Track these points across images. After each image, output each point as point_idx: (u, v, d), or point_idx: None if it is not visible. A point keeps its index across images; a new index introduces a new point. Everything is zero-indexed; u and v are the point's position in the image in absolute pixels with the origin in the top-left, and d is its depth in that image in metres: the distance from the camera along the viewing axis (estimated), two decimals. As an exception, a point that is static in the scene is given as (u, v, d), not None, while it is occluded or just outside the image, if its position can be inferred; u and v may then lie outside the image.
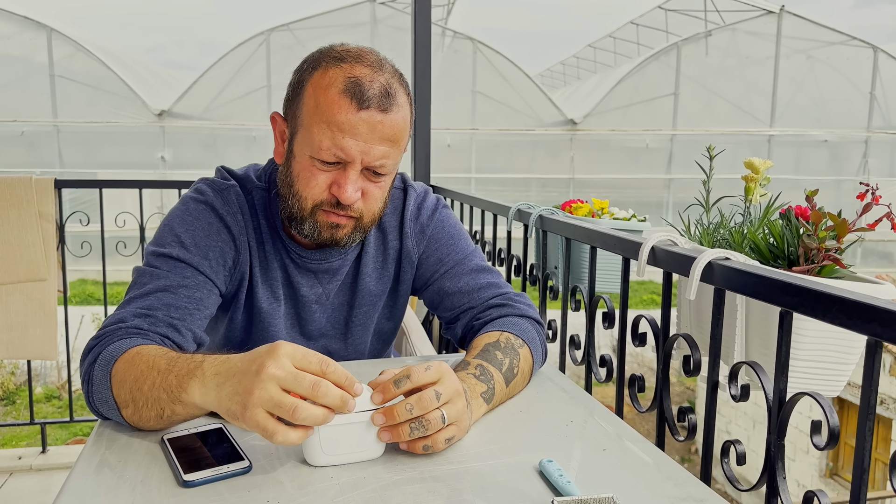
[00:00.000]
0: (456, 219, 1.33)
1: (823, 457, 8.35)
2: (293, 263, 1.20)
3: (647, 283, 12.38)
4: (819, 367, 1.04)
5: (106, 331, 1.00)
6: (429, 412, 0.82)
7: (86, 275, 10.57)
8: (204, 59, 14.39)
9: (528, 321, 1.18)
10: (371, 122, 1.01)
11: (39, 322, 2.59)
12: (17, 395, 8.89)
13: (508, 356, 1.06)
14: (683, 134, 11.58)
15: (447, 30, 11.21)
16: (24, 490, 2.71)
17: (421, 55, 2.58)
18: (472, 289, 1.24)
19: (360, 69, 1.03)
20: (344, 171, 1.04)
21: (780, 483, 0.95)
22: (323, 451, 0.80)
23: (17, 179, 2.53)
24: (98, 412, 0.95)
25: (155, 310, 1.03)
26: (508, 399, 1.05)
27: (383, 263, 1.27)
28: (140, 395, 0.87)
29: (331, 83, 1.02)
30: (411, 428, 0.81)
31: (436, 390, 0.83)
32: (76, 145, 10.33)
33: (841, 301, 0.80)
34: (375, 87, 1.02)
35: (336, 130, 1.01)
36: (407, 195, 1.28)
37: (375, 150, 1.03)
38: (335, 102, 1.01)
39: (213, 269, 1.11)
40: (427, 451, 0.84)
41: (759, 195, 1.26)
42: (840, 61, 11.84)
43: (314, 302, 1.24)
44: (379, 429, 0.81)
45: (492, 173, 11.46)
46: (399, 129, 1.05)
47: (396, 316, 1.36)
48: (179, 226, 1.12)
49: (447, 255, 1.27)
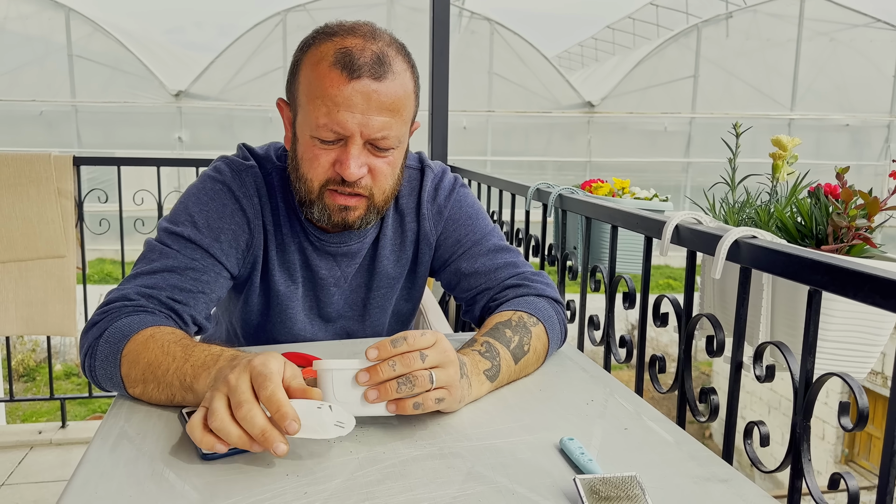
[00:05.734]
0: (474, 198, 1.31)
1: (839, 443, 8.31)
2: (311, 246, 1.19)
3: (664, 267, 12.31)
4: (846, 348, 1.02)
5: (111, 307, 0.99)
6: (415, 370, 0.80)
7: (104, 254, 10.66)
8: (222, 40, 14.48)
9: (545, 300, 1.16)
10: (365, 92, 0.98)
11: (59, 298, 2.61)
12: (37, 372, 9.02)
13: (519, 334, 1.03)
14: (702, 117, 11.44)
15: (464, 10, 11.11)
16: (43, 464, 2.75)
17: (439, 34, 2.54)
18: (490, 269, 1.22)
19: (351, 40, 1.00)
20: (345, 147, 1.01)
21: (806, 465, 0.93)
22: (336, 396, 0.79)
23: (36, 157, 2.54)
24: (98, 383, 0.96)
25: (159, 289, 1.03)
26: (520, 377, 1.03)
27: (401, 246, 1.25)
28: (153, 378, 0.89)
29: (322, 57, 1.00)
30: (398, 383, 0.80)
31: (422, 352, 0.81)
32: (94, 125, 10.37)
33: (874, 279, 0.78)
34: (367, 55, 0.98)
35: (331, 105, 0.98)
36: (424, 175, 1.25)
37: (374, 121, 0.99)
38: (326, 76, 0.98)
39: (223, 252, 1.10)
40: (418, 410, 0.81)
41: (786, 173, 1.24)
42: (863, 44, 11.62)
43: (332, 284, 1.22)
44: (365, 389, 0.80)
45: (508, 156, 11.39)
46: (398, 98, 1.01)
47: (414, 297, 1.34)
48: (194, 205, 1.11)
49: (464, 235, 1.25)
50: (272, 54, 10.55)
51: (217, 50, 10.55)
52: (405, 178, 1.21)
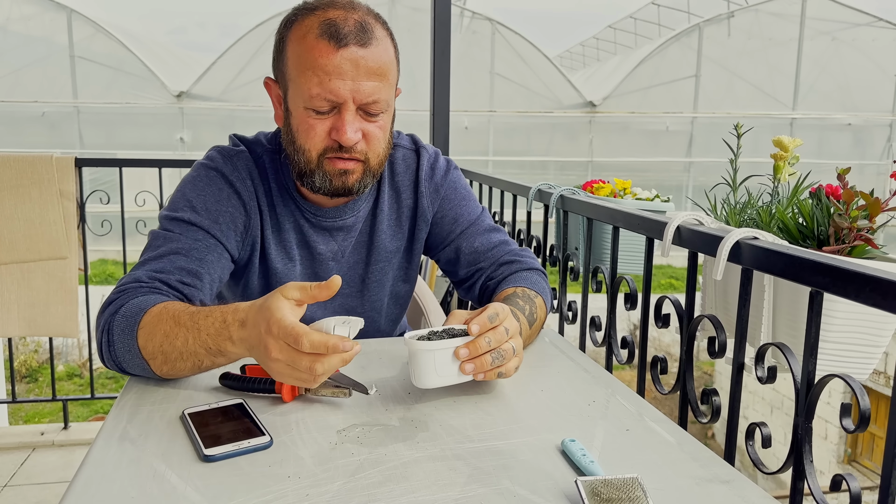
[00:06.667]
0: (465, 180, 1.38)
1: (842, 443, 8.29)
2: (307, 222, 1.22)
3: (665, 267, 12.30)
4: (848, 349, 1.02)
5: (126, 287, 1.03)
6: (502, 343, 0.91)
7: (106, 255, 10.66)
8: (224, 41, 14.53)
9: (536, 273, 1.30)
10: (353, 59, 1.03)
11: (61, 300, 2.61)
12: (40, 373, 9.03)
13: (528, 304, 1.16)
14: (704, 116, 11.43)
15: (465, 10, 11.10)
16: (46, 465, 2.75)
17: (440, 35, 2.54)
18: (487, 248, 1.31)
19: (332, 12, 1.05)
20: (340, 114, 1.06)
21: (808, 466, 0.93)
22: (437, 372, 0.89)
23: (38, 158, 2.54)
24: (117, 364, 0.98)
25: (168, 273, 1.06)
26: (529, 343, 1.16)
27: (398, 221, 1.30)
28: (172, 349, 0.93)
29: (307, 31, 1.04)
30: (492, 357, 0.90)
31: (504, 326, 0.92)
32: (96, 126, 10.38)
33: (875, 281, 0.78)
34: (350, 24, 1.03)
35: (322, 74, 1.03)
36: (420, 156, 1.31)
37: (364, 86, 1.04)
38: (314, 47, 1.03)
39: (223, 233, 1.14)
40: (502, 377, 0.93)
41: (787, 174, 1.23)
42: (866, 43, 11.60)
43: (330, 259, 1.26)
44: (461, 362, 0.89)
45: (509, 156, 11.39)
46: (384, 63, 1.06)
47: (411, 277, 1.38)
48: (191, 191, 1.15)
49: (461, 215, 1.32)
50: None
51: (219, 50, 10.55)
52: (400, 156, 1.29)
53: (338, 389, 0.91)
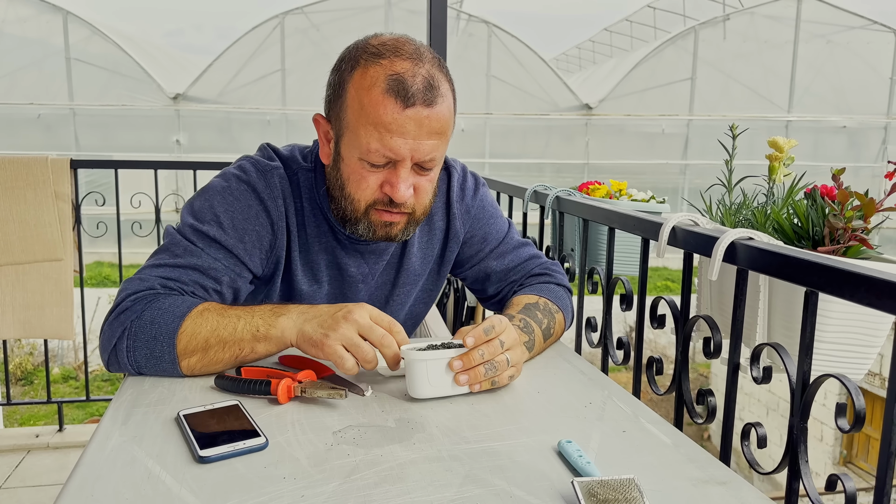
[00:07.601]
0: (492, 195, 1.38)
1: (837, 444, 8.30)
2: (339, 245, 1.20)
3: (661, 269, 12.31)
4: (843, 350, 1.02)
5: (142, 294, 1.02)
6: (496, 356, 0.95)
7: (102, 257, 10.64)
8: (220, 43, 14.49)
9: (564, 290, 1.31)
10: (418, 119, 1.00)
11: (56, 302, 2.60)
12: (35, 376, 8.99)
13: (547, 318, 1.18)
14: (700, 119, 11.45)
15: (462, 13, 11.11)
16: (41, 467, 2.74)
17: (436, 37, 2.54)
18: (517, 264, 1.33)
19: (399, 63, 1.00)
20: (395, 169, 1.03)
21: (803, 466, 0.93)
22: (430, 383, 0.93)
23: (33, 160, 2.54)
24: (136, 367, 1.00)
25: (183, 283, 1.06)
26: (536, 355, 1.16)
27: (428, 243, 1.29)
28: (217, 341, 0.98)
29: (373, 83, 1.00)
30: (486, 369, 0.94)
31: (500, 339, 0.95)
32: (92, 129, 10.35)
33: (870, 280, 0.78)
34: (418, 82, 0.99)
35: (383, 131, 1.00)
36: (451, 176, 1.29)
37: (424, 145, 1.02)
38: (380, 103, 0.99)
39: (247, 252, 1.12)
40: (495, 386, 0.96)
41: (782, 175, 1.24)
42: (860, 46, 11.63)
43: (360, 281, 1.25)
44: (455, 374, 0.93)
45: (506, 158, 11.39)
46: (445, 121, 1.03)
47: (431, 299, 1.38)
48: (220, 205, 1.11)
49: (489, 233, 1.32)
50: (270, 57, 10.54)
51: (215, 53, 10.54)
52: None
53: (334, 390, 0.91)
